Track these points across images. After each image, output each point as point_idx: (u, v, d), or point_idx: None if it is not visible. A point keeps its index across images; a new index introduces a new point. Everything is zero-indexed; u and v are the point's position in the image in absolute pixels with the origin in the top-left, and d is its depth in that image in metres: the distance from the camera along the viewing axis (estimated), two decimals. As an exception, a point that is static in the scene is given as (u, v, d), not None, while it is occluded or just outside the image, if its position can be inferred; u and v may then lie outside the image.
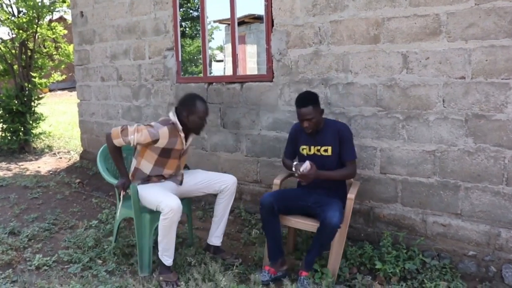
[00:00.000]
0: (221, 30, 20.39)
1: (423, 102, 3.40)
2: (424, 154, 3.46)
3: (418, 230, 3.55)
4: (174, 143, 3.31)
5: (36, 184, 5.51)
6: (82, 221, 4.30)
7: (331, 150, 3.25)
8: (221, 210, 3.55)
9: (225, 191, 3.52)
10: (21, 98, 7.74)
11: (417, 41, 3.38)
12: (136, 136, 3.18)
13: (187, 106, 3.33)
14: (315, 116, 3.18)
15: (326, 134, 3.28)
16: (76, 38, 6.66)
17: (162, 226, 3.08)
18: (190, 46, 18.62)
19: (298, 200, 3.26)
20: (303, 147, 3.37)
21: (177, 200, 3.11)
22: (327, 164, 3.24)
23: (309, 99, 3.21)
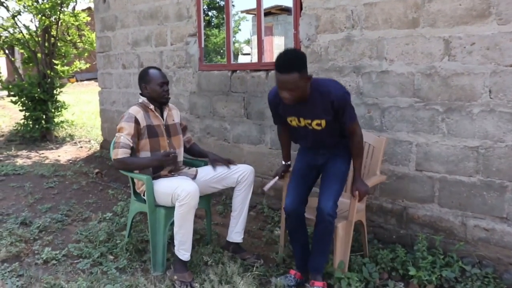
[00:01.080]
0: (248, 20, 20.13)
1: (467, 92, 3.07)
2: (466, 150, 3.13)
3: (457, 234, 3.23)
4: (149, 118, 3.19)
5: (53, 173, 5.37)
6: (96, 213, 4.11)
7: (325, 123, 2.69)
8: (239, 203, 3.30)
9: (242, 182, 3.27)
10: (43, 86, 7.65)
11: (461, 25, 3.05)
12: (124, 134, 3.07)
13: (143, 79, 3.25)
14: (299, 86, 2.49)
15: (316, 104, 2.64)
16: (98, 25, 6.50)
17: (179, 214, 2.85)
18: (216, 37, 18.41)
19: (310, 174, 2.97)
20: (290, 119, 2.81)
21: (194, 184, 2.91)
22: (321, 138, 2.81)
23: (294, 63, 2.47)
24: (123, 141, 3.05)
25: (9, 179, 5.18)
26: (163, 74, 3.28)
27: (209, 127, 4.83)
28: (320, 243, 2.78)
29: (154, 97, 3.20)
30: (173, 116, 3.38)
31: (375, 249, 3.32)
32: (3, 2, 7.49)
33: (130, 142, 3.05)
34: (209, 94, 4.76)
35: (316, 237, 2.78)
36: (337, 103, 2.58)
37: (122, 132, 3.08)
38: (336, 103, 2.58)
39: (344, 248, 2.89)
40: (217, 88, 4.67)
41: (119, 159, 3.04)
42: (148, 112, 3.20)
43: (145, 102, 3.23)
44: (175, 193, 2.85)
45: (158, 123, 3.22)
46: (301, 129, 2.83)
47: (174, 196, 2.87)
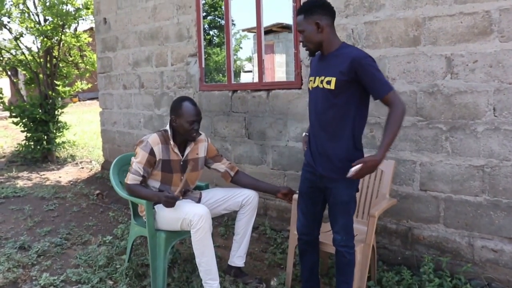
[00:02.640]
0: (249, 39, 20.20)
1: (470, 110, 3.03)
2: (471, 169, 3.07)
3: (463, 255, 3.16)
4: (168, 152, 3.05)
5: (53, 195, 5.32)
6: (96, 236, 4.05)
7: (334, 83, 2.40)
8: (242, 227, 3.22)
9: (246, 206, 3.19)
10: (45, 107, 7.65)
11: (463, 43, 3.02)
12: (137, 161, 2.99)
13: (174, 110, 3.04)
14: (305, 28, 2.46)
15: (335, 61, 2.45)
16: (99, 45, 6.51)
17: (197, 241, 2.78)
18: (218, 55, 18.50)
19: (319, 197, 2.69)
20: (310, 79, 2.64)
21: (204, 206, 2.86)
22: (329, 101, 2.45)
23: (304, 7, 2.49)
24: (134, 167, 3.00)
25: (9, 201, 5.13)
26: (198, 110, 3.03)
27: (210, 147, 4.79)
28: (340, 274, 2.65)
29: (181, 132, 3.02)
30: (198, 150, 3.20)
31: (380, 271, 3.25)
32: (6, 24, 7.53)
33: (141, 171, 2.98)
34: (210, 114, 4.73)
35: (336, 268, 2.68)
36: (355, 62, 2.34)
37: (136, 158, 3.00)
38: (355, 62, 2.34)
39: (361, 273, 2.79)
40: (218, 108, 4.64)
41: (127, 184, 3.00)
42: (168, 146, 3.05)
43: (168, 133, 3.06)
44: (186, 219, 2.78)
45: (176, 158, 3.08)
46: (313, 94, 2.59)
47: (185, 222, 2.81)
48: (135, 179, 2.98)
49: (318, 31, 2.44)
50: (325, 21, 2.45)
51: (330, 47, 2.49)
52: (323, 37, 2.47)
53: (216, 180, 4.69)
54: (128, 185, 2.99)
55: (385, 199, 3.04)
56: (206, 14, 14.91)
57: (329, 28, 2.47)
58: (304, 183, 2.77)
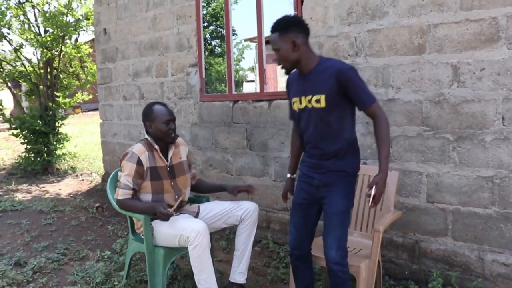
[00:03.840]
0: (252, 49, 20.14)
1: (478, 120, 2.94)
2: (479, 180, 2.97)
3: (473, 270, 3.04)
4: (154, 159, 2.99)
5: (52, 209, 5.21)
6: (95, 251, 3.95)
7: (324, 100, 2.37)
8: (242, 242, 3.10)
9: (246, 219, 3.08)
10: (45, 118, 7.59)
11: (469, 50, 2.94)
12: (125, 174, 2.93)
13: (146, 116, 3.02)
14: (280, 47, 2.38)
15: (319, 78, 2.41)
16: (99, 56, 6.46)
17: (195, 258, 2.70)
18: (220, 65, 18.46)
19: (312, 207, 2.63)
20: (293, 100, 2.57)
21: (201, 222, 2.77)
22: (323, 120, 2.43)
23: (277, 24, 2.42)
24: (123, 181, 2.92)
25: (6, 215, 5.03)
26: (169, 110, 3.04)
27: (211, 159, 4.70)
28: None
29: (159, 136, 2.99)
30: (180, 154, 3.16)
31: (387, 286, 3.15)
32: (6, 35, 7.50)
33: (130, 184, 2.91)
34: (210, 125, 4.65)
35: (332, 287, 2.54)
36: (340, 75, 2.33)
37: (124, 171, 2.95)
38: (340, 75, 2.33)
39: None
40: (219, 119, 4.56)
41: (118, 200, 2.93)
42: (153, 152, 3.01)
43: (150, 141, 3.03)
44: (184, 236, 2.70)
45: (162, 165, 3.03)
46: (302, 114, 2.52)
47: (182, 238, 2.72)
48: (126, 194, 2.90)
49: (294, 49, 2.40)
50: (301, 39, 2.41)
51: (309, 65, 2.45)
52: (299, 55, 2.42)
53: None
54: (119, 201, 2.92)
55: (390, 211, 2.94)
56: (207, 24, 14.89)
57: (305, 46, 2.43)
58: (299, 193, 2.69)
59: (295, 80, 2.58)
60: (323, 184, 2.51)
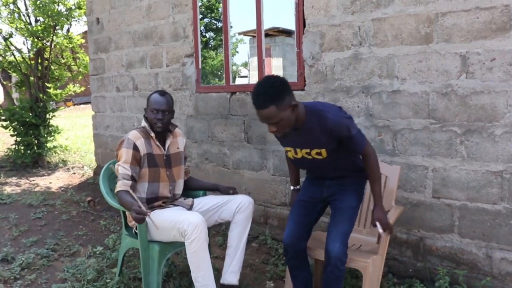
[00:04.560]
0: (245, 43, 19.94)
1: (488, 112, 2.82)
2: (488, 175, 2.86)
3: (481, 268, 2.94)
4: (150, 146, 2.90)
5: (42, 202, 5.05)
6: (86, 246, 3.79)
7: (325, 152, 2.43)
8: (235, 238, 2.92)
9: (240, 213, 2.91)
10: (35, 110, 7.39)
11: (479, 39, 2.82)
12: (122, 162, 2.79)
13: (147, 102, 2.98)
14: (282, 117, 2.25)
15: (313, 134, 2.39)
16: (92, 47, 6.28)
17: (192, 253, 2.56)
18: (214, 60, 18.25)
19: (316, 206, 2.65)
20: (287, 149, 2.59)
21: (199, 214, 2.63)
22: (322, 167, 2.54)
23: (268, 96, 2.22)
24: (122, 171, 2.77)
25: (-5, 209, 4.86)
26: (164, 100, 2.90)
27: (207, 153, 4.56)
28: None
29: (149, 123, 2.93)
30: (177, 144, 3.07)
31: (391, 284, 3.04)
32: (-5, 25, 7.31)
33: (129, 171, 2.77)
34: (207, 117, 4.51)
35: (324, 283, 2.43)
36: (336, 132, 2.35)
37: (120, 160, 2.81)
38: (335, 132, 2.35)
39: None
40: (216, 111, 4.41)
41: (117, 192, 2.76)
42: (149, 139, 2.92)
43: (147, 128, 2.93)
44: (180, 229, 2.56)
45: (159, 152, 2.93)
46: (298, 160, 2.58)
47: (178, 232, 2.58)
48: (125, 184, 2.74)
49: (293, 112, 2.30)
50: (293, 97, 2.32)
51: (301, 120, 2.38)
52: (296, 114, 2.34)
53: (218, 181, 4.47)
54: (116, 193, 2.76)
55: (392, 207, 2.81)
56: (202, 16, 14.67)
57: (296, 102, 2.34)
58: (307, 191, 2.68)
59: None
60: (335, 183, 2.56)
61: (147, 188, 2.87)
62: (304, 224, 2.60)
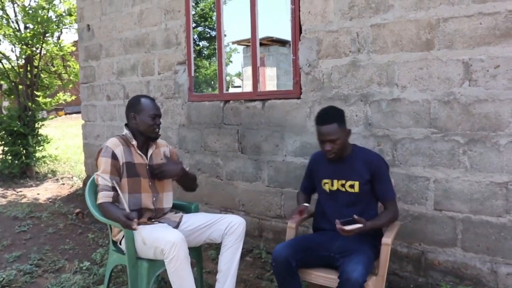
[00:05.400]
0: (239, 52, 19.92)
1: (492, 121, 2.71)
2: (492, 186, 2.74)
3: (485, 284, 2.81)
4: (130, 154, 2.74)
5: (27, 215, 4.87)
6: (73, 261, 3.61)
7: (358, 187, 2.56)
8: (225, 262, 2.71)
9: (230, 234, 2.71)
10: (24, 119, 7.22)
11: (483, 46, 2.72)
12: (101, 172, 2.63)
13: (133, 107, 2.80)
14: (340, 137, 2.51)
15: (353, 165, 2.59)
16: (82, 54, 6.13)
17: (172, 273, 2.41)
18: (207, 69, 18.14)
19: (319, 249, 2.50)
20: (325, 181, 2.68)
21: (177, 232, 2.48)
22: (353, 203, 2.59)
23: (334, 115, 2.56)
24: (101, 182, 2.61)
25: (-23, 222, 4.67)
26: (157, 106, 2.84)
27: (200, 163, 4.41)
28: None
29: (142, 130, 2.74)
30: (161, 155, 2.89)
31: (391, 301, 2.89)
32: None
33: (109, 182, 2.61)
34: (199, 126, 4.37)
35: None
36: (374, 165, 2.57)
37: (99, 169, 2.65)
38: (374, 165, 2.57)
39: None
40: (209, 120, 4.28)
41: (99, 205, 2.61)
42: (130, 148, 2.75)
43: (128, 135, 2.78)
44: (158, 248, 2.41)
45: (141, 161, 2.77)
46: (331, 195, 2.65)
47: (157, 251, 2.44)
48: (106, 196, 2.58)
49: (347, 136, 2.58)
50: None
51: (348, 150, 2.62)
52: (347, 142, 2.60)
53: (206, 198, 4.33)
54: (99, 206, 2.61)
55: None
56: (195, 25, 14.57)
57: None
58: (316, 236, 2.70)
59: (322, 161, 2.71)
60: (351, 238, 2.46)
61: (129, 200, 2.69)
62: (301, 247, 2.49)
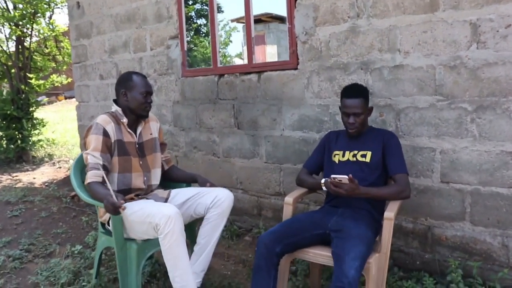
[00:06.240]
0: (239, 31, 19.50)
1: (502, 86, 2.53)
2: (503, 156, 2.57)
3: (496, 259, 2.66)
4: (121, 132, 2.62)
5: (21, 199, 4.74)
6: (64, 246, 3.47)
7: (370, 156, 2.52)
8: (204, 235, 2.59)
9: (214, 208, 2.59)
10: (17, 102, 7.05)
11: (492, 4, 2.52)
12: (91, 150, 2.50)
13: (124, 83, 2.68)
14: (364, 112, 2.53)
15: (367, 139, 2.60)
16: (73, 33, 5.93)
17: (166, 250, 2.28)
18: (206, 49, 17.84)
19: (313, 228, 2.35)
20: (336, 153, 2.63)
21: (173, 206, 2.35)
22: (364, 173, 2.50)
23: (361, 90, 2.57)
24: (92, 160, 2.47)
25: (-32, 207, 4.54)
26: (149, 83, 2.73)
27: (195, 141, 4.25)
28: None
29: (133, 107, 2.61)
30: (150, 130, 2.78)
31: (397, 279, 2.75)
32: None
33: (99, 160, 2.47)
34: (194, 103, 4.19)
35: None
36: (386, 137, 2.56)
37: (89, 148, 2.51)
38: (386, 137, 2.56)
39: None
40: (203, 95, 4.10)
41: (87, 184, 2.46)
42: (120, 125, 2.62)
43: (118, 112, 2.65)
44: (152, 223, 2.27)
45: (131, 140, 2.64)
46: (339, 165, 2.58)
47: (150, 226, 2.30)
48: (96, 175, 2.44)
49: (369, 114, 2.62)
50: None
51: (366, 127, 2.65)
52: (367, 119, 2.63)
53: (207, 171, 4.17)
54: (88, 186, 2.46)
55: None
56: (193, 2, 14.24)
57: None
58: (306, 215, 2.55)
59: (339, 137, 2.71)
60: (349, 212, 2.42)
61: (118, 179, 2.56)
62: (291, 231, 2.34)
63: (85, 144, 2.59)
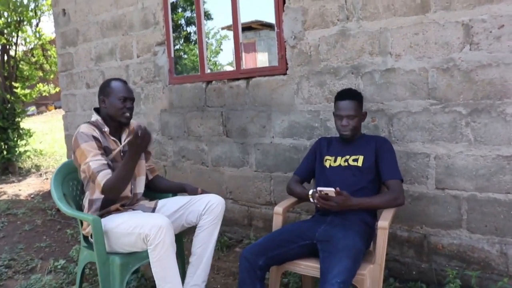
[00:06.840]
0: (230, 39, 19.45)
1: (497, 88, 2.46)
2: (499, 160, 2.49)
3: (495, 267, 2.57)
4: (105, 139, 2.48)
5: (4, 212, 4.59)
6: (48, 260, 3.34)
7: (362, 160, 2.46)
8: (200, 244, 2.50)
9: (206, 215, 2.50)
10: (3, 112, 6.90)
11: (485, 4, 2.45)
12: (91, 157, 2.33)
13: (102, 90, 2.56)
14: (357, 115, 2.51)
15: (359, 145, 2.56)
16: (59, 40, 5.81)
17: (156, 262, 2.18)
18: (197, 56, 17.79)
19: (300, 239, 2.26)
20: (327, 158, 2.58)
21: (163, 216, 2.25)
22: (355, 177, 2.44)
23: (355, 93, 2.57)
24: (94, 165, 2.30)
25: None
26: (129, 88, 2.59)
27: (183, 149, 4.14)
28: None
29: (112, 113, 2.49)
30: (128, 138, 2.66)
31: (393, 290, 2.65)
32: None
33: (103, 160, 2.34)
34: (182, 110, 4.09)
35: None
36: (379, 142, 2.53)
37: (88, 154, 2.33)
38: (378, 142, 2.53)
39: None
40: (191, 103, 3.99)
41: (104, 186, 2.28)
42: (103, 134, 2.49)
43: (99, 122, 2.52)
44: (142, 234, 2.16)
45: (116, 147, 2.52)
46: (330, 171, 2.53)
47: (139, 238, 2.19)
48: (107, 174, 2.30)
49: (362, 118, 2.59)
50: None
51: (359, 133, 2.60)
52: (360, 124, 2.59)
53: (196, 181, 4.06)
54: (105, 187, 2.28)
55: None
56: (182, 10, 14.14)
57: None
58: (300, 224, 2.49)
59: (331, 143, 2.66)
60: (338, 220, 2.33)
61: None
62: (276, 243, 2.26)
63: (76, 159, 2.42)
